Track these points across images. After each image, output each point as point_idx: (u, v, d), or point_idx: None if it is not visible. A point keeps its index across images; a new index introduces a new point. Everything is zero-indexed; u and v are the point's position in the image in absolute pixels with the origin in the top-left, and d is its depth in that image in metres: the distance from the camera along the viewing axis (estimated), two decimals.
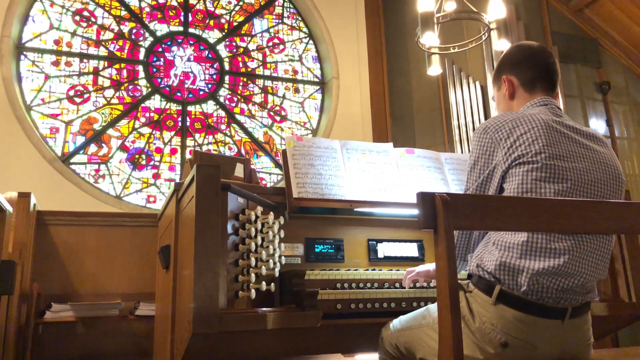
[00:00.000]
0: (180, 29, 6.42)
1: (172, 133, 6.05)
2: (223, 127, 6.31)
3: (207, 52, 6.47)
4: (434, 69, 4.66)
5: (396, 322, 1.68)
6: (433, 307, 1.55)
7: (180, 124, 6.11)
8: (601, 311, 2.15)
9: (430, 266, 1.95)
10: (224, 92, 6.41)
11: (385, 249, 2.24)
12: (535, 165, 1.43)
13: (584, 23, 7.09)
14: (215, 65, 6.46)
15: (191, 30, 6.46)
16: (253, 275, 1.69)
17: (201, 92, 6.31)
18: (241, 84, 6.53)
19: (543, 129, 1.48)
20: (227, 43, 6.61)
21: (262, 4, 6.84)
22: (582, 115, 6.74)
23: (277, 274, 1.83)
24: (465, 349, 1.36)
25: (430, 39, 4.15)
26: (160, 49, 6.27)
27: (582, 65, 6.91)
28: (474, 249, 1.55)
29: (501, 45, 4.19)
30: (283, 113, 6.62)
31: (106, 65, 5.98)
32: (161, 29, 6.34)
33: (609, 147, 1.61)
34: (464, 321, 1.39)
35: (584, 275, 1.40)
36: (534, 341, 1.36)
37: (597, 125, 6.85)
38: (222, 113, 6.35)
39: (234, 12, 6.72)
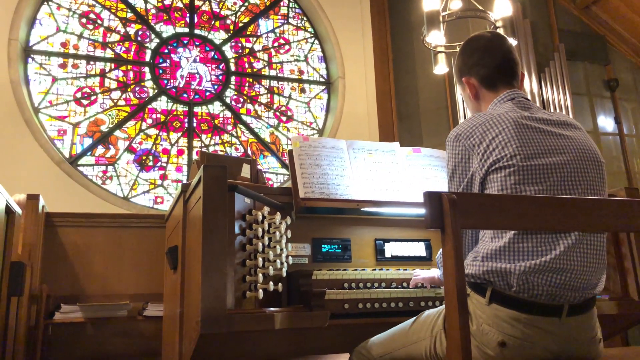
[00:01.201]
0: (186, 30, 6.45)
1: (179, 134, 6.08)
2: (229, 127, 6.32)
3: (212, 53, 6.48)
4: (440, 68, 4.64)
5: (369, 347, 1.64)
6: (428, 317, 1.52)
7: (186, 125, 6.13)
8: (610, 310, 2.14)
9: (434, 272, 1.94)
10: (230, 93, 6.43)
11: (392, 249, 2.23)
12: (512, 169, 1.40)
13: (591, 20, 7.04)
14: (221, 66, 6.47)
15: (197, 31, 6.48)
16: (260, 275, 1.69)
17: (207, 93, 6.33)
18: (247, 84, 6.54)
19: (514, 129, 1.45)
20: (233, 44, 6.62)
21: (267, 4, 6.85)
22: (590, 112, 6.70)
23: (284, 274, 1.83)
24: None
25: (436, 37, 4.14)
26: (166, 51, 6.29)
27: (589, 63, 6.87)
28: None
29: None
30: (289, 113, 6.62)
31: (113, 67, 6.01)
32: (167, 30, 6.37)
33: (583, 130, 1.58)
34: None
35: (576, 270, 1.38)
36: (531, 339, 1.34)
37: (606, 122, 6.81)
38: (229, 114, 6.36)
39: (239, 13, 6.73)
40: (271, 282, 1.72)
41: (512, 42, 4.19)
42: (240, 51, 6.62)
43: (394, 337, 1.59)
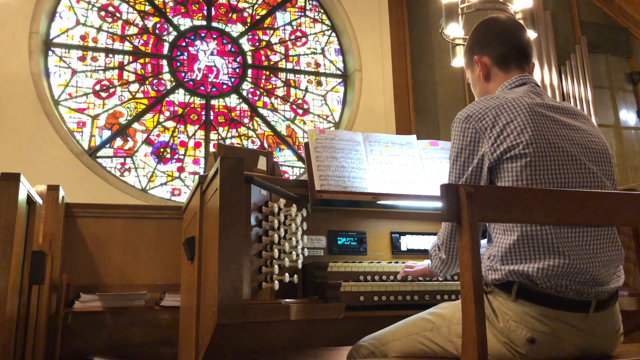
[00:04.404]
0: (204, 23, 6.47)
1: (196, 127, 6.12)
2: (246, 120, 6.34)
3: (230, 46, 6.50)
4: (459, 61, 4.60)
5: (377, 339, 1.61)
6: (445, 311, 1.50)
7: (204, 117, 6.17)
8: (630, 306, 2.11)
9: (425, 263, 1.89)
10: (246, 86, 6.45)
11: (408, 242, 2.23)
12: (528, 159, 1.36)
13: (614, 12, 6.90)
14: (238, 59, 6.49)
15: (214, 24, 6.50)
16: (276, 266, 1.70)
17: (224, 86, 6.35)
18: (264, 77, 6.55)
19: (529, 116, 1.41)
20: (250, 37, 6.63)
21: None
22: (612, 106, 6.58)
23: (300, 266, 1.84)
24: (494, 348, 1.34)
25: (454, 30, 4.10)
26: (183, 44, 6.32)
27: (612, 55, 6.74)
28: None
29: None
30: (305, 106, 6.62)
31: (131, 60, 6.06)
32: (185, 23, 6.40)
33: (591, 122, 1.55)
34: (488, 322, 1.35)
35: (597, 265, 1.36)
36: (559, 335, 1.33)
37: (628, 116, 6.68)
38: (245, 107, 6.38)
39: (256, 6, 6.74)
40: (287, 274, 1.73)
41: (532, 34, 4.13)
42: (257, 44, 6.63)
43: (408, 325, 1.57)
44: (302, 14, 6.89)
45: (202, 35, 6.43)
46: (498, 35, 1.62)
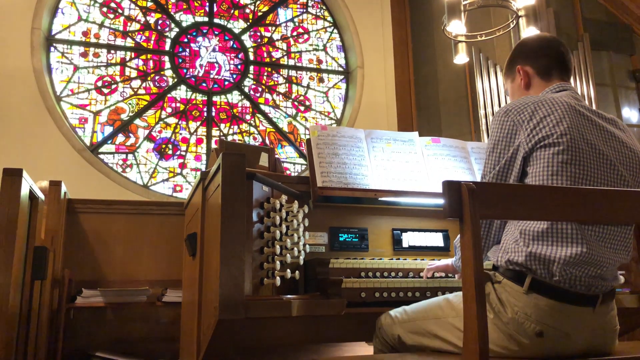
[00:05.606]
0: (206, 19, 6.46)
1: (198, 123, 6.12)
2: (248, 117, 6.34)
3: (232, 42, 6.50)
4: (461, 58, 4.59)
5: (401, 312, 1.66)
6: (454, 298, 1.52)
7: (205, 114, 6.17)
8: (631, 303, 2.10)
9: (449, 260, 1.94)
10: (248, 82, 6.44)
11: (410, 239, 2.23)
12: (561, 147, 1.41)
13: (617, 9, 6.87)
14: (240, 56, 6.48)
15: (216, 20, 6.49)
16: (278, 263, 1.70)
17: (226, 83, 6.35)
18: (265, 74, 6.55)
19: (567, 111, 1.46)
20: (252, 33, 6.62)
21: None
22: (614, 104, 6.56)
23: (301, 262, 1.84)
24: (498, 340, 1.35)
25: (456, 27, 4.09)
26: (185, 40, 6.32)
27: (614, 53, 6.71)
28: (496, 241, 1.52)
29: (530, 33, 4.10)
30: (307, 103, 6.62)
31: (133, 56, 6.06)
32: (186, 19, 6.39)
33: (628, 131, 1.59)
34: (494, 313, 1.37)
35: (609, 262, 1.39)
36: (568, 329, 1.34)
37: (630, 114, 6.67)
38: (247, 103, 6.38)
39: (258, 2, 6.73)
40: (288, 270, 1.73)
41: (534, 31, 4.12)
42: (259, 40, 6.62)
43: (422, 307, 1.62)
44: (304, 10, 6.88)
45: (204, 31, 6.43)
46: (543, 48, 1.71)
